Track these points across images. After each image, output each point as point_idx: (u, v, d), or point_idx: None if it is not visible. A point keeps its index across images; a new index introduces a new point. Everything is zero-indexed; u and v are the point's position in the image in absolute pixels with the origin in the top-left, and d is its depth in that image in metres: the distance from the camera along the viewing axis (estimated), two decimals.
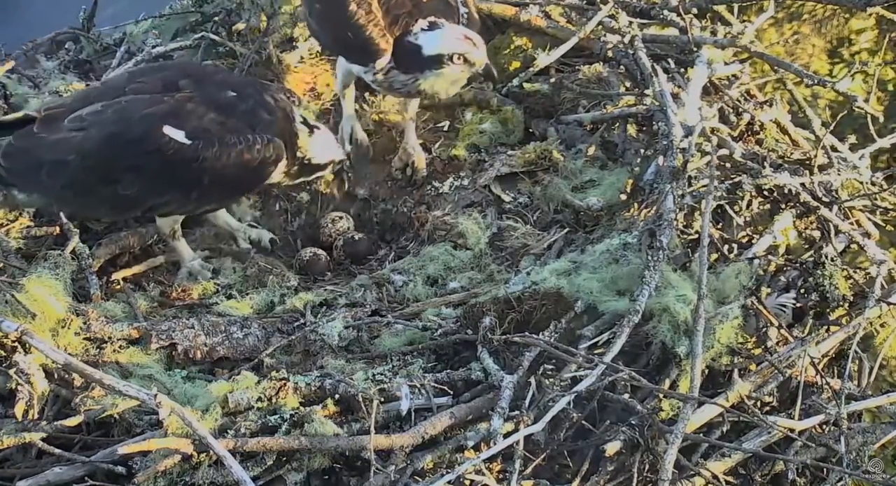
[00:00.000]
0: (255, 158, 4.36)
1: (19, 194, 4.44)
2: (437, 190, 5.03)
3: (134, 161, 4.28)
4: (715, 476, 3.51)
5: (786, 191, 4.28)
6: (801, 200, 4.27)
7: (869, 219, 4.52)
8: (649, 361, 3.78)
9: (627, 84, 5.05)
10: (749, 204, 4.39)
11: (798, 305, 4.08)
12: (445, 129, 5.34)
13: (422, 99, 5.01)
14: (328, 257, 4.80)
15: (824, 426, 3.76)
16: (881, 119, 4.83)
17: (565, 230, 4.59)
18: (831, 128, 4.56)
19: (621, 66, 5.14)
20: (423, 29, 4.59)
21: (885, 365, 4.32)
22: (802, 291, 4.13)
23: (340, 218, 4.96)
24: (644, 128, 4.84)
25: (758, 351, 3.89)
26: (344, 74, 4.99)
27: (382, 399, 3.61)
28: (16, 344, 3.74)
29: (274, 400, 3.63)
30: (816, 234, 4.36)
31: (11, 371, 3.70)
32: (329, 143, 4.70)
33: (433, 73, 4.60)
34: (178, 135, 4.27)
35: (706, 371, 3.74)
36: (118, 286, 4.48)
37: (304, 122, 4.61)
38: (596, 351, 3.72)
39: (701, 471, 3.49)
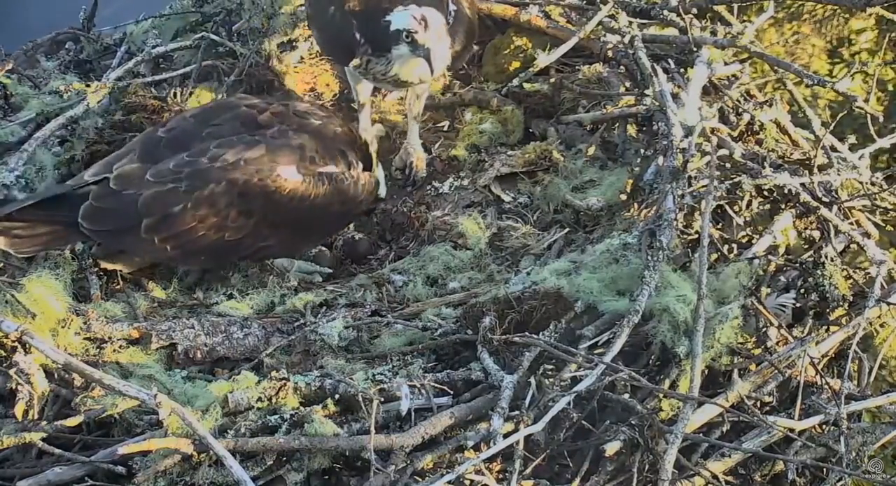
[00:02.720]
0: (357, 192, 4.49)
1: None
2: (436, 190, 5.03)
3: (247, 206, 4.28)
4: (715, 476, 3.51)
5: (786, 191, 4.27)
6: (801, 200, 4.27)
7: (869, 219, 4.51)
8: (649, 361, 3.78)
9: (627, 84, 5.05)
10: (749, 204, 4.39)
11: (798, 305, 4.08)
12: (445, 129, 5.35)
13: (404, 89, 5.01)
14: (331, 253, 4.81)
15: (824, 426, 3.76)
16: (881, 119, 4.82)
17: (565, 230, 4.60)
18: (831, 128, 4.56)
19: (621, 66, 5.14)
20: (398, 9, 4.58)
21: (885, 365, 4.31)
22: (802, 291, 4.13)
23: None
24: (644, 128, 4.84)
25: (758, 351, 3.89)
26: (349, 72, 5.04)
27: (382, 399, 3.61)
28: (16, 344, 3.75)
29: (274, 400, 3.63)
30: (816, 234, 4.36)
31: (11, 371, 3.71)
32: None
33: (397, 53, 4.58)
34: (290, 173, 4.32)
35: (706, 371, 3.74)
36: (118, 286, 4.48)
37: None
38: (596, 351, 3.72)
39: (701, 471, 3.49)
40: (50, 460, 3.62)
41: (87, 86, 5.33)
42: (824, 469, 3.67)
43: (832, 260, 4.10)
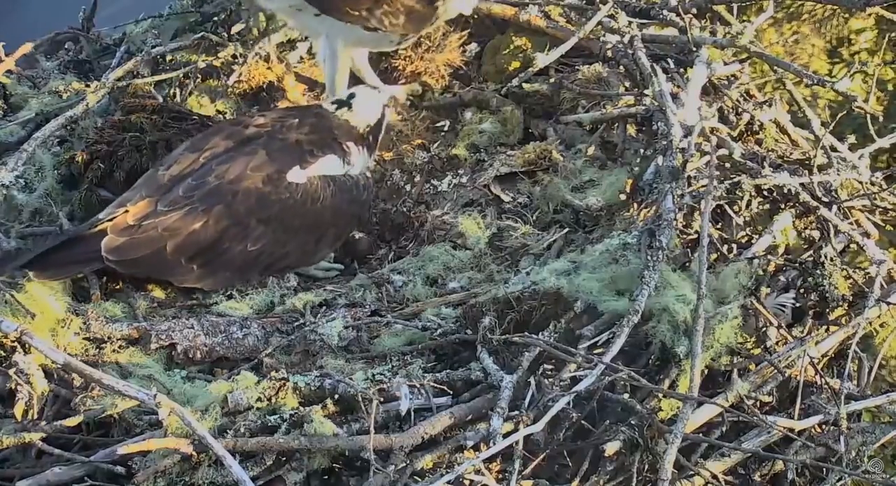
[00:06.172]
0: (361, 193, 4.58)
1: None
2: (435, 188, 5.04)
3: (264, 213, 4.35)
4: (714, 476, 3.51)
5: (785, 191, 4.27)
6: (801, 200, 4.27)
7: (868, 219, 4.51)
8: (649, 361, 3.78)
9: (627, 84, 5.05)
10: (748, 204, 4.39)
11: (797, 305, 4.08)
12: (445, 129, 5.35)
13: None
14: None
15: (824, 426, 3.76)
16: (881, 119, 4.83)
17: (565, 230, 4.59)
18: (831, 128, 4.56)
19: (621, 67, 5.14)
20: None
21: (885, 365, 4.32)
22: (802, 291, 4.13)
23: None
24: (644, 128, 4.84)
25: (757, 351, 3.89)
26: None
27: (382, 399, 3.61)
28: (15, 344, 3.75)
29: (273, 400, 3.63)
30: (816, 234, 4.35)
31: (11, 371, 3.71)
32: (368, 98, 4.83)
33: None
34: (298, 176, 4.41)
35: (705, 371, 3.74)
36: (118, 286, 4.47)
37: (335, 102, 4.80)
38: (595, 351, 3.72)
39: (700, 471, 3.49)
40: (49, 460, 3.61)
41: (87, 86, 5.33)
42: (824, 469, 3.67)
43: (832, 260, 4.10)
